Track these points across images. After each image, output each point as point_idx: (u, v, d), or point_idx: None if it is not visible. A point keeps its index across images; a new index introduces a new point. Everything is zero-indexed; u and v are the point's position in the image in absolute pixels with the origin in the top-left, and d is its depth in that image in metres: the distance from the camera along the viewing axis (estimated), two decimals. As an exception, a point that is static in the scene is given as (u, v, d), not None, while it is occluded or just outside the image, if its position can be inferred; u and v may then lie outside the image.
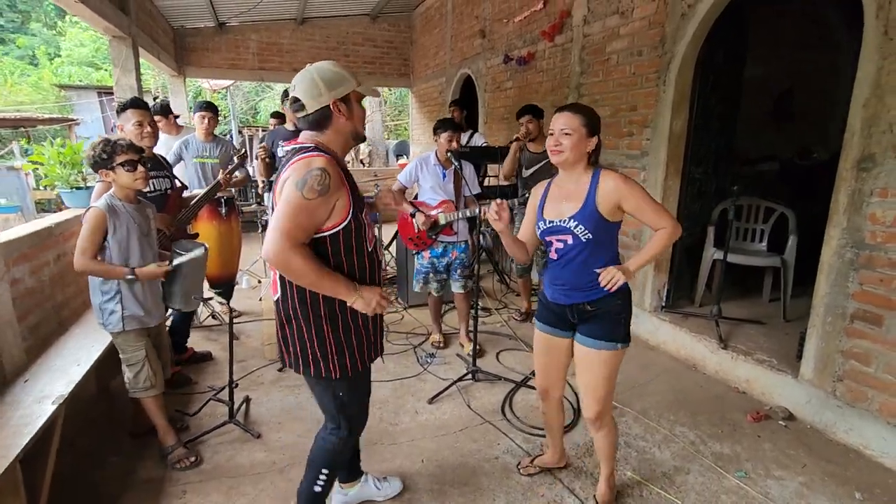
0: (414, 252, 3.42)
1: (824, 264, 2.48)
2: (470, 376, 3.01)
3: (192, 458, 2.19)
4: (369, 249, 1.54)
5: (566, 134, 1.67)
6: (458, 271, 3.37)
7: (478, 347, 3.18)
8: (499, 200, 1.74)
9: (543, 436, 2.47)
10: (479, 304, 4.29)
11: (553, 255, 1.79)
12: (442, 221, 3.19)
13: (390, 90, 14.28)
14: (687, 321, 3.43)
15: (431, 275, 3.36)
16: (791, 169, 5.06)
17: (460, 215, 3.18)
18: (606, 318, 1.74)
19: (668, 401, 2.83)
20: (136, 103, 2.73)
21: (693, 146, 3.37)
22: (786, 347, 2.97)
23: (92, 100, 12.18)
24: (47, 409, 1.78)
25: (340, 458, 1.73)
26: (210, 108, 3.76)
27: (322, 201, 1.37)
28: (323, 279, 1.40)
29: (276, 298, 1.57)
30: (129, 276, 2.01)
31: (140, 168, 2.03)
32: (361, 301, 1.46)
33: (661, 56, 3.24)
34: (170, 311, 3.03)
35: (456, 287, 3.42)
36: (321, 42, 7.98)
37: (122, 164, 1.98)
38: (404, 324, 3.97)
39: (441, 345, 3.51)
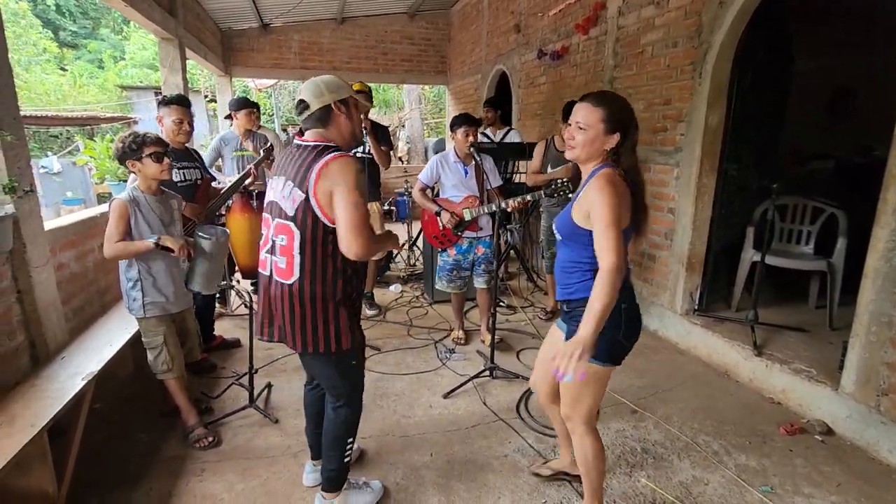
0: (439, 250, 3.43)
1: (870, 269, 2.29)
2: (488, 373, 2.98)
3: (211, 439, 2.30)
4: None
5: (580, 128, 1.54)
6: (483, 266, 3.34)
7: (498, 341, 3.17)
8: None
9: (557, 436, 2.42)
10: (505, 302, 4.28)
11: None
12: (467, 217, 3.18)
13: (430, 88, 14.35)
14: (720, 326, 3.26)
15: (455, 272, 3.35)
16: (848, 168, 4.70)
17: (485, 210, 3.16)
18: (577, 324, 1.58)
19: (693, 408, 2.70)
20: (181, 100, 2.86)
21: (731, 142, 3.19)
22: (827, 357, 2.76)
23: (150, 99, 12.94)
24: (77, 384, 1.91)
25: (356, 423, 1.88)
26: (253, 104, 3.97)
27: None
28: (381, 242, 1.74)
29: (291, 282, 1.63)
30: (152, 242, 2.09)
31: (165, 160, 2.14)
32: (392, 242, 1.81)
33: (697, 47, 3.09)
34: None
35: (479, 282, 3.40)
36: (360, 41, 8.12)
37: (150, 156, 2.10)
38: (428, 319, 3.99)
39: (462, 341, 3.50)
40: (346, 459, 1.84)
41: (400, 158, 12.81)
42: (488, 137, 4.76)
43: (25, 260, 2.12)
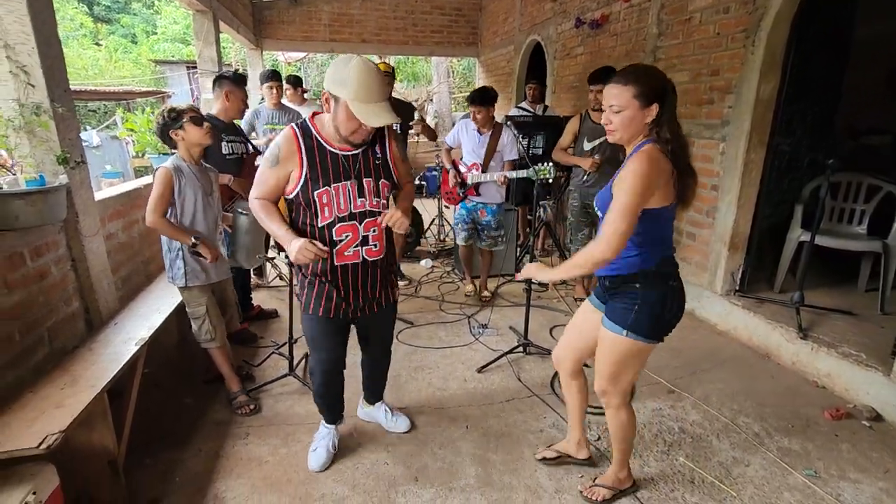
0: (445, 205, 3.87)
1: (934, 250, 2.16)
2: (521, 349, 2.99)
3: (252, 406, 2.39)
4: (319, 225, 1.69)
5: (615, 112, 1.49)
6: (486, 232, 3.63)
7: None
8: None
9: (594, 414, 2.42)
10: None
11: None
12: (469, 181, 3.50)
13: (459, 61, 14.05)
14: (763, 307, 3.16)
15: (460, 225, 3.68)
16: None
17: (483, 178, 3.44)
18: (621, 301, 1.60)
19: (732, 389, 2.65)
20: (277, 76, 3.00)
21: (783, 115, 3.02)
22: (878, 342, 2.66)
23: (182, 73, 13.10)
24: (131, 349, 1.99)
25: (313, 375, 2.08)
26: (276, 78, 4.01)
27: (273, 171, 1.65)
28: (270, 223, 1.68)
29: None
30: (192, 240, 2.16)
31: (205, 123, 2.17)
32: (288, 248, 1.65)
33: (752, 13, 2.91)
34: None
35: (481, 244, 3.72)
36: (390, 11, 7.96)
37: (189, 120, 2.13)
38: (459, 294, 3.99)
39: (473, 294, 3.82)
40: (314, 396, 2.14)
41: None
42: (528, 111, 4.69)
43: (78, 229, 2.19)
